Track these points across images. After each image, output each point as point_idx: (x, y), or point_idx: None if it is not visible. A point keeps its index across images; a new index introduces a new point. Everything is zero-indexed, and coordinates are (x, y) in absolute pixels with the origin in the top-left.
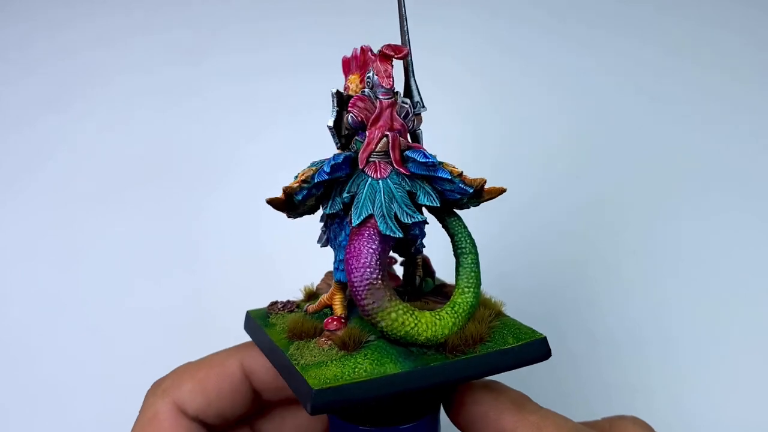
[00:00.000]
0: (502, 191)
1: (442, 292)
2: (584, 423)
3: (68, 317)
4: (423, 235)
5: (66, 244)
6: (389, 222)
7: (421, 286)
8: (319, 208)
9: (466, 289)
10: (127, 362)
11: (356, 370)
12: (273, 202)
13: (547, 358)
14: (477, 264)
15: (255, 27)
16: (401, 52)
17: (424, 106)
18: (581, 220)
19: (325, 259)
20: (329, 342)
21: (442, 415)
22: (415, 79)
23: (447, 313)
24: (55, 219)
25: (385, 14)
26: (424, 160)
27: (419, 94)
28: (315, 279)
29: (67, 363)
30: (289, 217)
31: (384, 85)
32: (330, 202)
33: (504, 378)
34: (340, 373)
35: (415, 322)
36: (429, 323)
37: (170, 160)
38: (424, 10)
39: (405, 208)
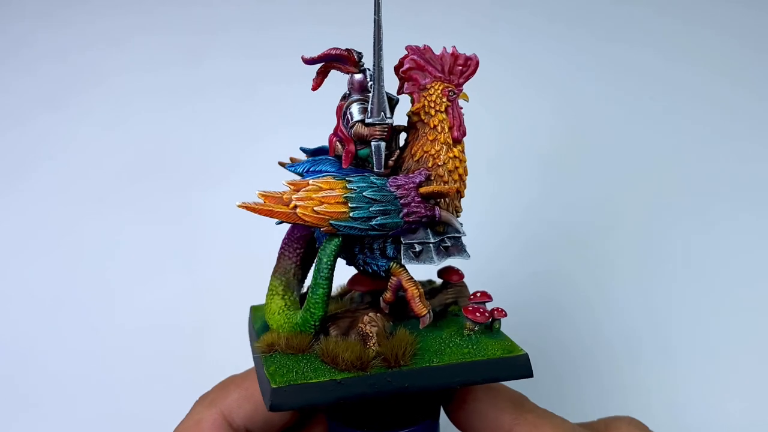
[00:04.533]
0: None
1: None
2: (580, 424)
3: (66, 316)
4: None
5: (63, 243)
6: None
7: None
8: None
9: (303, 309)
10: (125, 362)
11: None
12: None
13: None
14: (313, 290)
15: (255, 30)
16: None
17: (377, 116)
18: (577, 225)
19: None
20: None
21: (442, 419)
22: (379, 87)
23: (285, 315)
24: (53, 218)
25: (387, 22)
26: (291, 168)
27: (378, 104)
28: None
29: (64, 362)
30: None
31: None
32: None
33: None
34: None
35: (269, 302)
36: (272, 311)
37: (169, 161)
38: (420, 18)
39: None
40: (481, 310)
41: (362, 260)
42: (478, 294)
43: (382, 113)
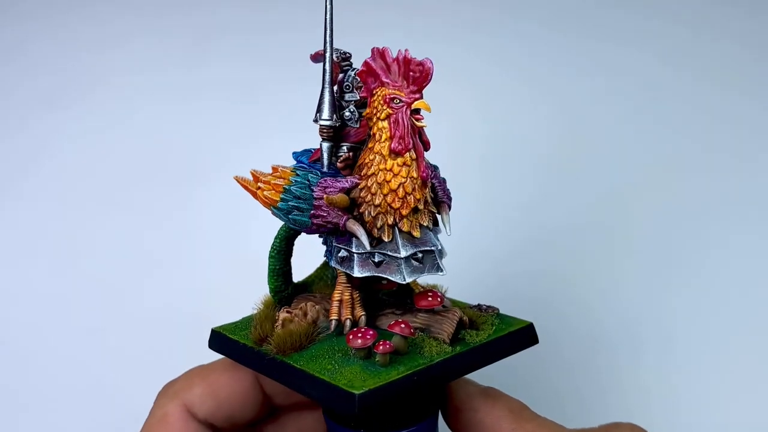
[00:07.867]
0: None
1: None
2: (580, 430)
3: (66, 315)
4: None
5: (62, 243)
6: None
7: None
8: None
9: None
10: (123, 362)
11: None
12: None
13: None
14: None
15: (255, 34)
16: None
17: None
18: (572, 226)
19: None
20: None
21: (441, 422)
22: (323, 88)
23: None
24: (53, 218)
25: (388, 26)
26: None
27: (318, 104)
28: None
29: (62, 362)
30: None
31: None
32: None
33: (500, 381)
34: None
35: None
36: None
37: (168, 162)
38: (411, 22)
39: None
40: (360, 335)
41: (325, 253)
42: (392, 323)
43: (317, 114)
